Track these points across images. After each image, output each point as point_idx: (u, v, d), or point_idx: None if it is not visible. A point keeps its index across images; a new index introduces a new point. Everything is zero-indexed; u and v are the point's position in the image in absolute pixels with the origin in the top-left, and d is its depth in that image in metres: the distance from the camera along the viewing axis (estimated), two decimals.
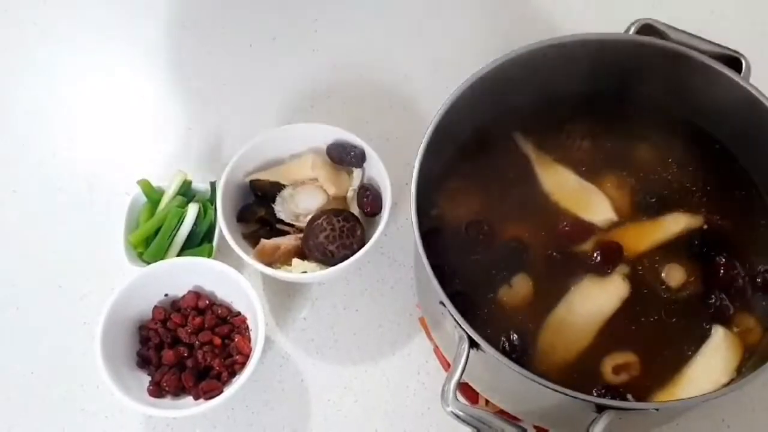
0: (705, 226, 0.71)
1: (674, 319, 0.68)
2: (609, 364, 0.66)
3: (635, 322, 0.68)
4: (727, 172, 0.74)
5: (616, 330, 0.68)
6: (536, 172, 0.74)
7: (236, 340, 0.78)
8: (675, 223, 0.71)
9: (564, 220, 0.72)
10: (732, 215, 0.72)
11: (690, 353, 0.67)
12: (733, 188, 0.73)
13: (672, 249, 0.71)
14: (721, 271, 0.69)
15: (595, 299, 0.69)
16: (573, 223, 0.72)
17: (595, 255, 0.70)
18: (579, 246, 0.71)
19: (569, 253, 0.71)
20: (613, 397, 0.64)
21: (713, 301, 0.68)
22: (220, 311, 0.80)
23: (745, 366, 0.66)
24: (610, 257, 0.70)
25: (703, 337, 0.67)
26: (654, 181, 0.74)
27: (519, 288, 0.69)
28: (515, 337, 0.67)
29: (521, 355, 0.66)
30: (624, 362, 0.66)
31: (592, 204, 0.73)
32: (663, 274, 0.69)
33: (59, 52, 1.03)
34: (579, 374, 0.66)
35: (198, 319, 0.79)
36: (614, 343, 0.67)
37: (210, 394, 0.75)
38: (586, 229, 0.72)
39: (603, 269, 0.70)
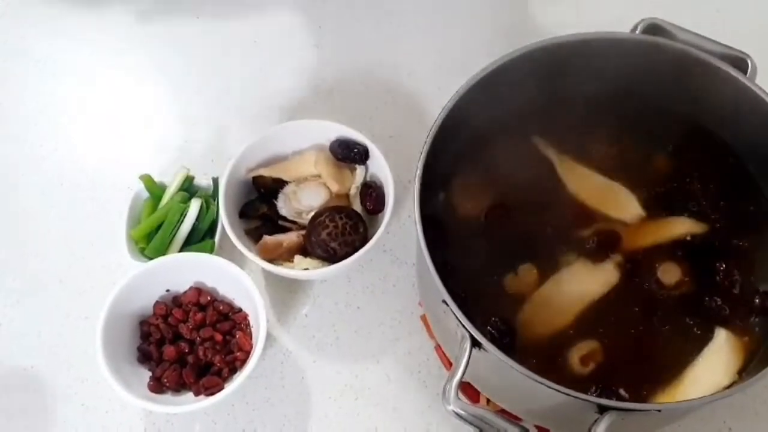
0: (709, 235, 0.71)
1: (663, 316, 0.68)
2: (576, 356, 0.66)
3: (620, 312, 0.68)
4: (737, 181, 0.73)
5: (600, 316, 0.68)
6: (559, 174, 0.74)
7: (237, 336, 0.78)
8: (679, 226, 0.71)
9: (592, 219, 0.72)
10: (739, 229, 0.71)
11: (682, 353, 0.66)
12: (743, 200, 0.72)
13: (671, 249, 0.70)
14: (719, 276, 0.69)
15: (584, 281, 0.69)
16: (576, 207, 0.72)
17: (591, 240, 0.70)
18: (580, 231, 0.71)
19: (568, 237, 0.71)
20: (609, 397, 0.64)
21: (707, 303, 0.68)
22: (221, 307, 0.80)
23: (747, 369, 0.66)
24: (607, 244, 0.70)
25: (698, 338, 0.67)
26: (662, 184, 0.73)
27: (524, 278, 0.70)
28: (499, 322, 0.67)
29: (511, 339, 0.67)
30: (589, 351, 0.67)
31: (620, 201, 0.73)
32: (658, 272, 0.69)
33: (60, 48, 1.03)
34: (554, 352, 0.67)
35: (199, 315, 0.79)
36: (596, 328, 0.68)
37: (210, 390, 0.75)
38: (588, 215, 0.72)
39: (597, 255, 0.70)
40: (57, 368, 0.82)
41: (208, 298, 0.81)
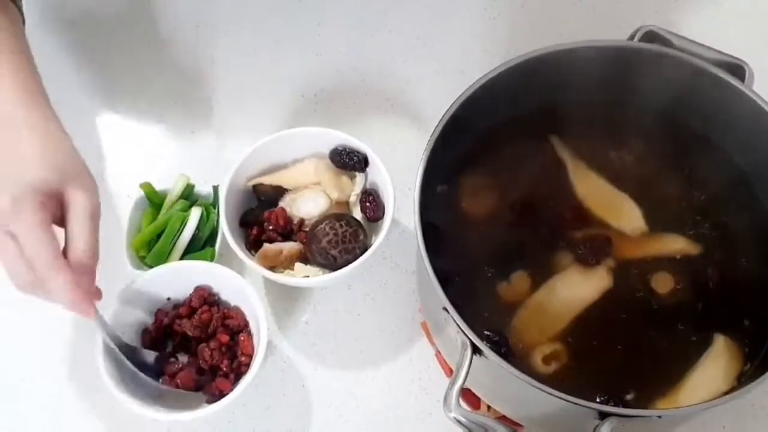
0: (703, 256, 0.71)
1: (659, 322, 0.68)
2: (539, 356, 0.67)
3: (616, 318, 0.69)
4: (737, 193, 0.73)
5: (596, 322, 0.69)
6: (571, 177, 0.75)
7: (242, 339, 0.78)
8: (672, 244, 0.72)
9: (593, 226, 0.72)
10: (736, 247, 0.71)
11: (681, 359, 0.67)
12: (741, 214, 0.73)
13: (664, 259, 0.71)
14: (711, 283, 0.69)
15: (577, 287, 0.70)
16: (572, 208, 0.73)
17: (583, 245, 0.71)
18: (573, 233, 0.72)
19: (567, 242, 0.71)
20: (614, 404, 0.64)
21: (701, 310, 0.69)
22: (225, 310, 0.80)
23: (746, 374, 0.67)
24: (598, 249, 0.71)
25: (697, 343, 0.67)
26: (665, 199, 0.74)
27: (520, 284, 0.71)
28: (496, 329, 0.68)
29: (509, 346, 0.67)
30: (551, 352, 0.67)
31: (625, 213, 0.73)
32: (651, 282, 0.70)
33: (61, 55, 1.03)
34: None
35: (206, 314, 0.79)
36: (592, 334, 0.68)
37: (213, 398, 0.75)
38: (590, 222, 0.72)
39: (589, 260, 0.70)
40: (57, 376, 0.82)
41: (215, 299, 0.81)
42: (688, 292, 0.69)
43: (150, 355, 0.77)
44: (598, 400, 0.64)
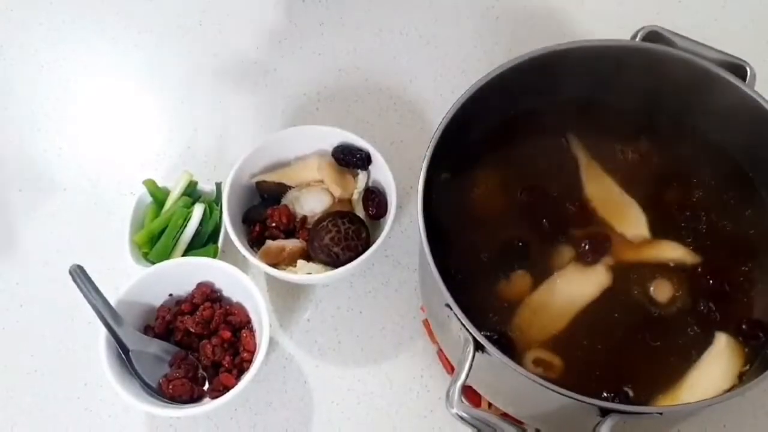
0: (702, 265, 0.71)
1: (660, 320, 0.68)
2: (532, 356, 0.67)
3: (616, 316, 0.69)
4: (741, 195, 0.73)
5: (596, 319, 0.69)
6: (581, 177, 0.74)
7: (243, 335, 0.79)
8: (671, 251, 0.72)
9: (598, 227, 0.72)
10: (737, 254, 0.71)
11: (683, 357, 0.67)
12: (743, 217, 0.72)
13: (661, 267, 0.71)
14: (710, 290, 0.69)
15: (577, 285, 0.70)
16: (578, 205, 0.73)
17: (583, 244, 0.71)
18: (574, 230, 0.72)
19: (568, 241, 0.72)
20: (614, 400, 0.64)
21: (702, 308, 0.69)
22: (228, 307, 0.81)
23: (747, 372, 0.67)
24: (598, 247, 0.71)
25: (700, 341, 0.68)
26: (669, 206, 0.74)
27: (520, 283, 0.71)
28: (498, 326, 0.68)
29: (510, 342, 0.67)
30: (552, 349, 0.68)
31: (630, 218, 0.73)
32: (651, 290, 0.70)
33: (65, 53, 1.03)
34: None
35: (208, 311, 0.79)
36: (593, 332, 0.68)
37: (216, 393, 0.75)
38: (594, 222, 0.73)
39: (588, 258, 0.70)
40: (60, 372, 0.83)
41: (217, 295, 0.81)
42: (688, 300, 0.69)
43: (153, 345, 0.77)
44: (599, 396, 0.64)
